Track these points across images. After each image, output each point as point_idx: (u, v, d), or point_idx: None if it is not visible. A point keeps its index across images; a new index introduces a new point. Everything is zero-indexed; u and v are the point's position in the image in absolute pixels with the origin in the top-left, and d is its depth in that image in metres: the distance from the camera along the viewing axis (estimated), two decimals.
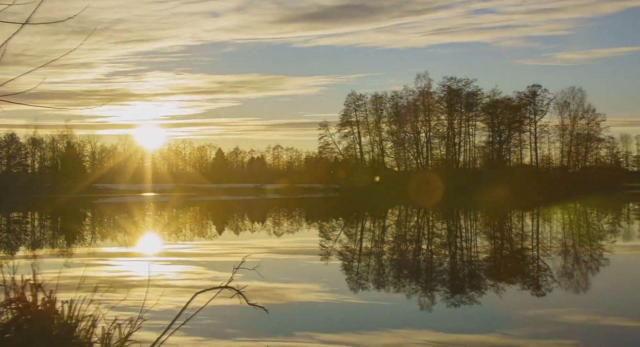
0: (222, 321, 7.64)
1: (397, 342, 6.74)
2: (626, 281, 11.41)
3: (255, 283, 10.13)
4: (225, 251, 16.57)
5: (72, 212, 41.12)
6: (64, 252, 16.24)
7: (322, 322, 7.71)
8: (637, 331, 7.32)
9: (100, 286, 4.44)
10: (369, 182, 78.30)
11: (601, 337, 6.93)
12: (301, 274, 12.17)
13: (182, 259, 14.75)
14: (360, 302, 9.05)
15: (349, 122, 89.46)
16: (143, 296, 5.58)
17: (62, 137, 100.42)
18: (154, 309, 5.58)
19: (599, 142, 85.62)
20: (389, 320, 7.79)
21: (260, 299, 8.64)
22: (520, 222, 29.41)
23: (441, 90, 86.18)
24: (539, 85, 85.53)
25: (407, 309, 8.62)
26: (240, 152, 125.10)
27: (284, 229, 25.17)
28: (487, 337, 6.94)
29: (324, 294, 9.66)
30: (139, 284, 10.25)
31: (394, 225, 28.41)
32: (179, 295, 9.08)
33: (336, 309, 8.53)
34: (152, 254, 16.08)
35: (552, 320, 7.83)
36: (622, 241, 18.75)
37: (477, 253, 16.04)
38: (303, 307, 8.65)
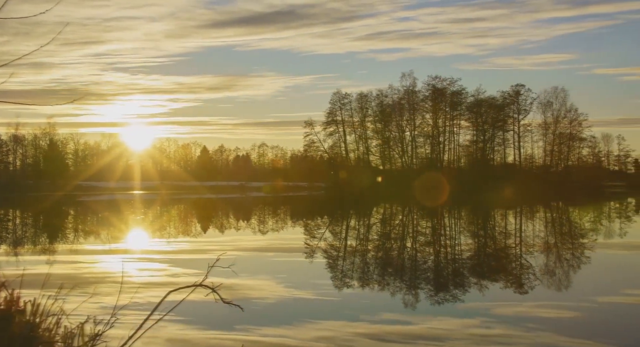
0: (196, 319, 7.55)
1: (372, 333, 6.71)
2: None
3: (231, 280, 10.05)
4: (202, 248, 16.45)
5: (52, 210, 40.62)
6: (36, 250, 16.01)
7: (298, 318, 7.66)
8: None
9: (68, 283, 4.34)
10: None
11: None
12: (277, 271, 12.11)
13: (158, 257, 14.61)
14: (336, 298, 9.01)
15: (334, 120, 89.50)
16: (117, 294, 5.50)
17: (45, 134, 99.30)
18: (127, 307, 5.48)
19: (581, 142, 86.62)
20: (365, 315, 7.76)
21: (236, 297, 8.57)
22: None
23: (426, 89, 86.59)
24: (523, 85, 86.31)
25: (382, 304, 8.60)
26: (225, 150, 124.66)
27: (264, 227, 25.09)
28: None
29: (300, 291, 9.61)
30: (113, 282, 10.12)
31: (377, 223, 28.47)
32: (154, 293, 8.97)
33: (311, 305, 8.49)
34: (128, 251, 15.90)
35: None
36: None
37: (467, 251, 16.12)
38: (278, 304, 8.59)
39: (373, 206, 45.68)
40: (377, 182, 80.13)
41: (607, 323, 7.58)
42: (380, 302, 8.91)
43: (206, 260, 4.75)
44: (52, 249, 16.33)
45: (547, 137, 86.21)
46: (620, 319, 7.81)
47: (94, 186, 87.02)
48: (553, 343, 6.60)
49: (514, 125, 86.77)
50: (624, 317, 7.88)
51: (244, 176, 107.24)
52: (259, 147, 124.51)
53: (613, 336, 6.93)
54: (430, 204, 46.21)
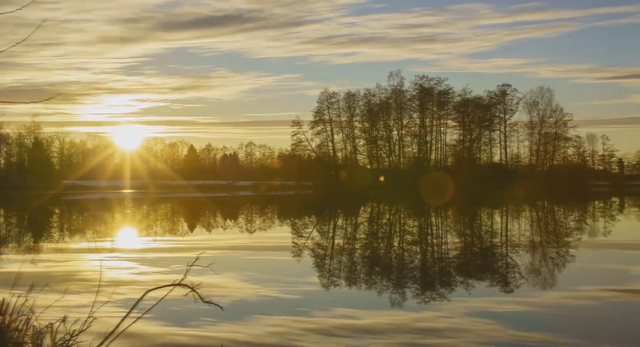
0: (175, 318, 7.48)
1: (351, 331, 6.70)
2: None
3: (211, 279, 9.99)
4: (184, 247, 16.34)
5: (35, 209, 40.18)
6: (15, 249, 15.80)
7: (279, 317, 7.62)
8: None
9: (41, 282, 4.26)
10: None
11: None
12: (258, 270, 12.06)
13: (139, 256, 14.49)
14: (316, 296, 8.99)
15: (322, 119, 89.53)
16: (94, 293, 5.42)
17: (29, 132, 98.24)
18: (105, 306, 5.41)
19: (566, 142, 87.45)
20: (347, 313, 7.74)
21: (216, 296, 8.51)
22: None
23: (413, 89, 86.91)
24: (509, 85, 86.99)
25: (363, 302, 8.58)
26: (212, 149, 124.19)
27: (249, 226, 25.01)
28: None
29: (280, 289, 9.56)
30: (92, 281, 10.01)
31: (361, 222, 28.51)
32: (132, 292, 8.88)
33: (293, 303, 8.45)
34: (108, 250, 15.74)
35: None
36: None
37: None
38: (258, 302, 8.54)
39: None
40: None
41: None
42: (361, 300, 8.89)
43: (187, 259, 4.70)
44: (31, 248, 16.13)
45: (533, 137, 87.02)
46: (621, 316, 7.87)
47: (79, 185, 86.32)
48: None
49: (501, 125, 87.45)
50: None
51: (232, 175, 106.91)
52: (247, 146, 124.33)
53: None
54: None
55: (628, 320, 7.65)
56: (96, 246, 16.69)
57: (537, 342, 6.56)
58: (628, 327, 7.26)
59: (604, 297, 9.03)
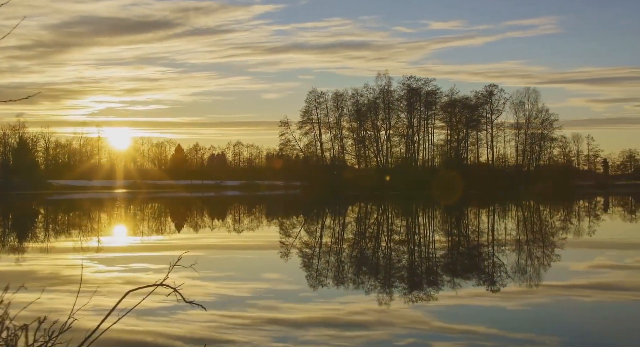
0: (157, 319, 7.41)
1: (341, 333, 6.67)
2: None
3: (194, 280, 9.92)
4: (167, 246, 16.24)
5: (19, 209, 39.73)
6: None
7: (264, 317, 7.57)
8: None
9: (17, 282, 4.17)
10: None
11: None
12: (241, 270, 12.01)
13: (121, 256, 14.39)
14: (303, 294, 8.95)
15: (310, 119, 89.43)
16: (75, 293, 5.34)
17: (14, 132, 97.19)
18: (85, 307, 5.33)
19: (552, 142, 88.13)
20: (338, 313, 7.72)
21: (198, 296, 8.44)
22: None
23: (401, 89, 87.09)
24: (496, 85, 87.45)
25: (352, 301, 8.57)
26: (200, 148, 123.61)
27: (235, 226, 24.91)
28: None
29: (266, 289, 9.52)
30: (72, 282, 9.89)
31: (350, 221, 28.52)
32: (114, 293, 8.78)
33: (278, 303, 8.41)
34: (90, 250, 15.59)
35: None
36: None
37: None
38: (241, 303, 8.50)
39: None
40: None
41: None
42: (352, 300, 8.87)
43: (170, 258, 4.64)
44: (12, 248, 15.92)
45: (519, 137, 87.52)
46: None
47: (64, 185, 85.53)
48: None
49: (487, 125, 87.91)
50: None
51: (220, 175, 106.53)
52: (234, 146, 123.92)
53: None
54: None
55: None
56: (79, 246, 16.51)
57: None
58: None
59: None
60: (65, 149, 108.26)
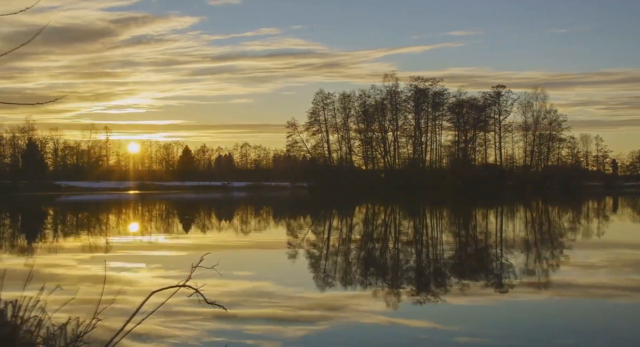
0: (180, 319, 7.51)
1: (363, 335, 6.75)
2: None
3: (215, 280, 10.02)
4: (187, 248, 16.36)
5: (32, 210, 40.03)
6: (15, 251, 15.77)
7: (283, 318, 7.66)
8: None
9: (51, 283, 4.28)
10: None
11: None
12: (262, 271, 12.09)
13: (141, 257, 14.51)
14: (326, 297, 9.02)
15: (317, 120, 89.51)
16: (99, 294, 5.45)
17: (23, 134, 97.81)
18: (110, 308, 5.44)
19: (560, 142, 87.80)
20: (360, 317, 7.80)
21: (219, 297, 8.53)
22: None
23: (408, 90, 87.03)
24: (503, 86, 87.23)
25: (368, 303, 8.63)
26: (207, 150, 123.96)
27: (249, 227, 25.00)
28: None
29: (285, 290, 9.60)
30: (96, 282, 10.01)
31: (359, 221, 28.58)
32: (137, 293, 8.89)
33: (299, 304, 8.49)
34: (111, 251, 15.75)
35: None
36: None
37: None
38: (263, 304, 8.58)
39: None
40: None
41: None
42: (368, 302, 8.94)
43: (190, 259, 4.74)
44: (33, 249, 16.10)
45: (527, 138, 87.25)
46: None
47: (73, 186, 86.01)
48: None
49: (495, 126, 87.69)
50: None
51: (227, 176, 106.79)
52: (242, 147, 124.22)
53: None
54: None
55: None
56: (100, 247, 16.67)
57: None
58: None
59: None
60: (74, 151, 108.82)
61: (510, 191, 71.52)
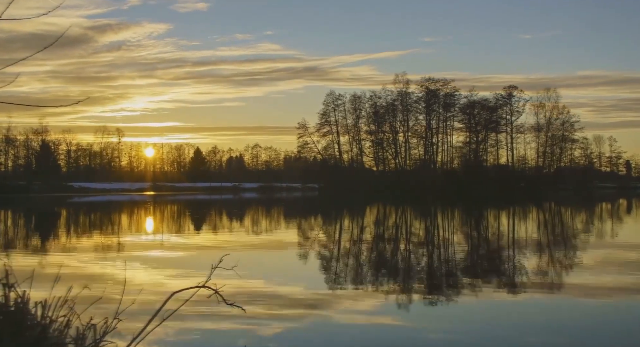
0: (199, 320, 7.58)
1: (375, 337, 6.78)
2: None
3: (233, 281, 10.08)
4: (205, 249, 16.47)
5: (45, 211, 40.42)
6: (39, 251, 15.96)
7: (301, 320, 7.70)
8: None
9: (76, 284, 4.35)
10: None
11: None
12: (281, 273, 12.15)
13: (160, 257, 14.63)
14: (346, 300, 9.06)
15: (328, 121, 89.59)
16: (119, 295, 5.51)
17: (37, 135, 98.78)
18: (130, 309, 5.51)
19: (573, 143, 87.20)
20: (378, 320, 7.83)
21: (238, 298, 8.59)
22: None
23: (419, 91, 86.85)
24: (515, 86, 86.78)
25: (384, 305, 8.66)
26: (218, 151, 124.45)
27: (264, 228, 25.09)
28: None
29: (304, 292, 9.65)
30: (116, 283, 10.12)
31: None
32: (157, 294, 8.98)
33: (315, 305, 8.53)
34: (130, 251, 15.89)
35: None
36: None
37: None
38: (281, 305, 8.63)
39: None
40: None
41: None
42: (384, 304, 8.96)
43: (209, 260, 4.80)
44: (51, 250, 16.28)
45: (540, 139, 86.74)
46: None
47: (85, 187, 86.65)
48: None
49: (507, 127, 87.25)
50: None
51: (238, 177, 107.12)
52: (252, 148, 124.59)
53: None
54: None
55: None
56: (119, 247, 16.82)
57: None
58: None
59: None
60: (86, 153, 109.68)
61: (522, 192, 71.06)
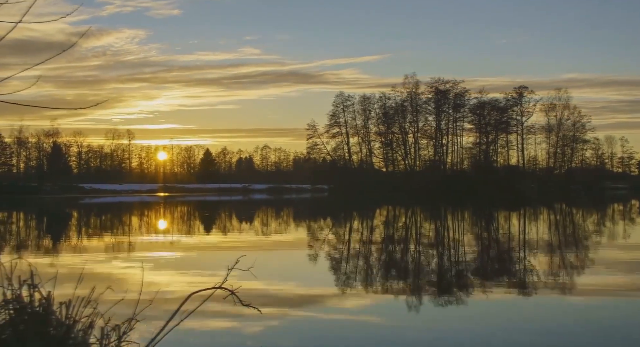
0: (216, 320, 7.64)
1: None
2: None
3: (249, 282, 10.12)
4: (220, 249, 16.57)
5: (57, 212, 40.76)
6: (60, 252, 16.11)
7: (318, 322, 7.74)
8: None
9: (98, 285, 4.42)
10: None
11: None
12: (296, 274, 12.19)
13: (176, 258, 14.73)
14: (361, 302, 9.09)
15: (337, 122, 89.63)
16: (137, 295, 5.58)
17: (48, 137, 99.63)
18: (148, 309, 5.57)
19: (584, 144, 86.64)
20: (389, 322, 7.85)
21: (254, 299, 8.64)
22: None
23: (429, 92, 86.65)
24: (526, 87, 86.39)
25: (398, 309, 8.68)
26: (228, 152, 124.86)
27: (278, 229, 25.16)
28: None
29: (320, 294, 9.68)
30: (133, 284, 10.21)
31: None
32: (174, 295, 9.05)
33: (329, 307, 8.56)
34: (145, 253, 16.01)
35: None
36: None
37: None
38: (297, 307, 8.67)
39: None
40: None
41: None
42: (399, 309, 8.97)
43: (225, 260, 4.85)
44: (65, 250, 16.43)
45: (551, 139, 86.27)
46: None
47: (96, 188, 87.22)
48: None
49: (517, 128, 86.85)
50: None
51: (247, 178, 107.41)
52: (262, 149, 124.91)
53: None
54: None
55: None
56: (133, 248, 16.95)
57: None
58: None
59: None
60: (97, 154, 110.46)
61: (533, 193, 70.67)
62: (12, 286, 3.47)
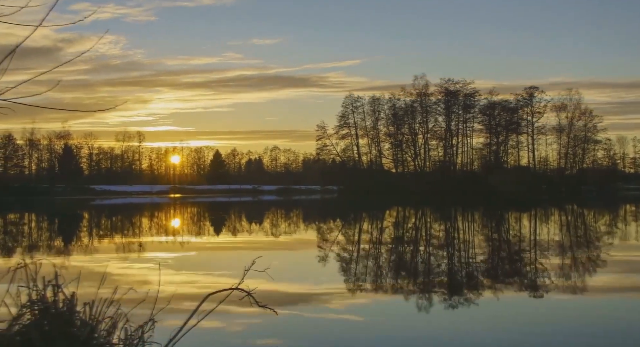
0: (232, 322, 7.70)
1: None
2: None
3: (265, 284, 10.17)
4: (236, 251, 16.65)
5: (73, 214, 41.08)
6: (77, 253, 16.25)
7: (335, 325, 7.77)
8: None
9: (116, 286, 4.49)
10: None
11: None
12: (310, 275, 12.23)
13: (191, 258, 14.83)
14: (378, 304, 9.12)
15: (347, 123, 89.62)
16: (154, 296, 5.65)
17: (59, 138, 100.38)
18: (166, 310, 5.64)
19: (595, 144, 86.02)
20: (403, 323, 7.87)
21: (270, 300, 8.70)
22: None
23: (439, 92, 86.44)
24: (536, 87, 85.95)
25: (413, 310, 8.70)
26: (237, 153, 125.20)
27: (288, 230, 25.21)
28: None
29: (337, 295, 9.71)
30: (150, 284, 10.29)
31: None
32: (191, 296, 9.13)
33: (346, 308, 8.60)
34: (160, 254, 16.13)
35: None
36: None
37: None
38: (313, 308, 8.71)
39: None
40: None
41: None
42: (413, 310, 8.99)
43: (241, 261, 4.90)
44: (77, 251, 16.58)
45: (562, 140, 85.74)
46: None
47: (107, 190, 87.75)
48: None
49: (528, 128, 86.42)
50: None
51: (257, 180, 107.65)
52: (271, 150, 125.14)
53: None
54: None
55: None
56: (146, 250, 17.07)
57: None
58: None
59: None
60: (108, 156, 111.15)
61: (544, 194, 70.26)
62: (36, 287, 3.54)
